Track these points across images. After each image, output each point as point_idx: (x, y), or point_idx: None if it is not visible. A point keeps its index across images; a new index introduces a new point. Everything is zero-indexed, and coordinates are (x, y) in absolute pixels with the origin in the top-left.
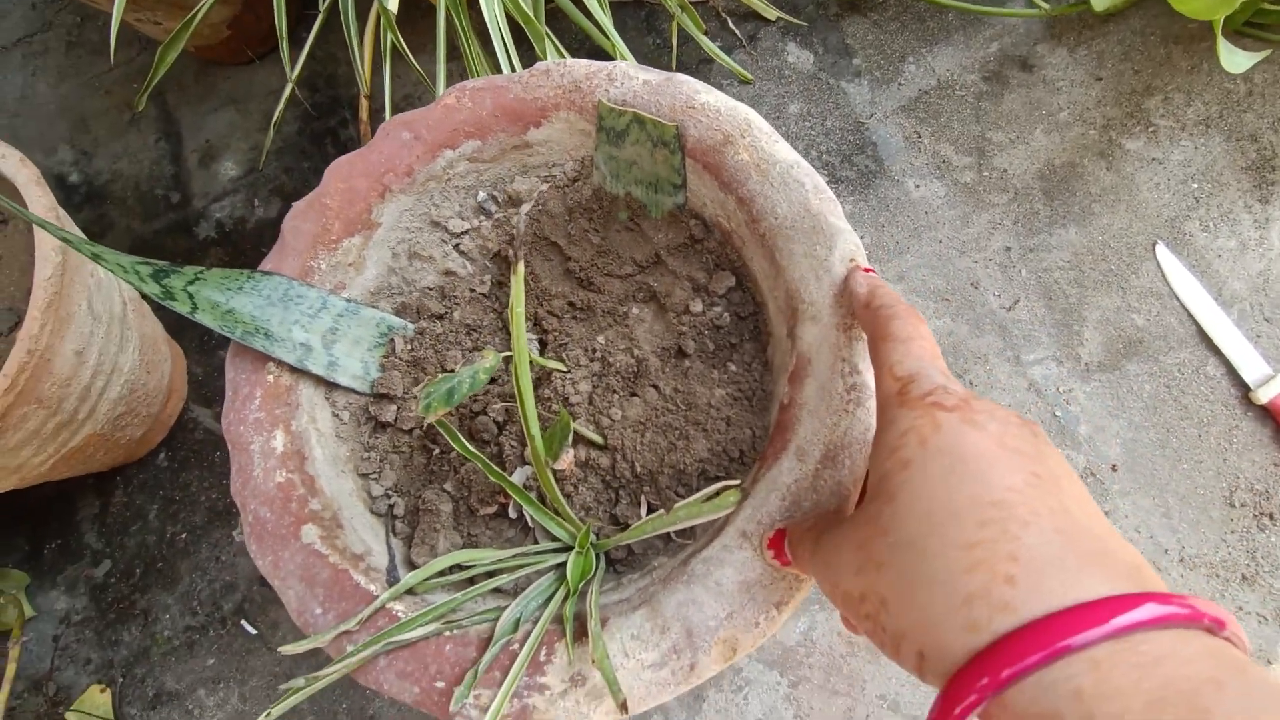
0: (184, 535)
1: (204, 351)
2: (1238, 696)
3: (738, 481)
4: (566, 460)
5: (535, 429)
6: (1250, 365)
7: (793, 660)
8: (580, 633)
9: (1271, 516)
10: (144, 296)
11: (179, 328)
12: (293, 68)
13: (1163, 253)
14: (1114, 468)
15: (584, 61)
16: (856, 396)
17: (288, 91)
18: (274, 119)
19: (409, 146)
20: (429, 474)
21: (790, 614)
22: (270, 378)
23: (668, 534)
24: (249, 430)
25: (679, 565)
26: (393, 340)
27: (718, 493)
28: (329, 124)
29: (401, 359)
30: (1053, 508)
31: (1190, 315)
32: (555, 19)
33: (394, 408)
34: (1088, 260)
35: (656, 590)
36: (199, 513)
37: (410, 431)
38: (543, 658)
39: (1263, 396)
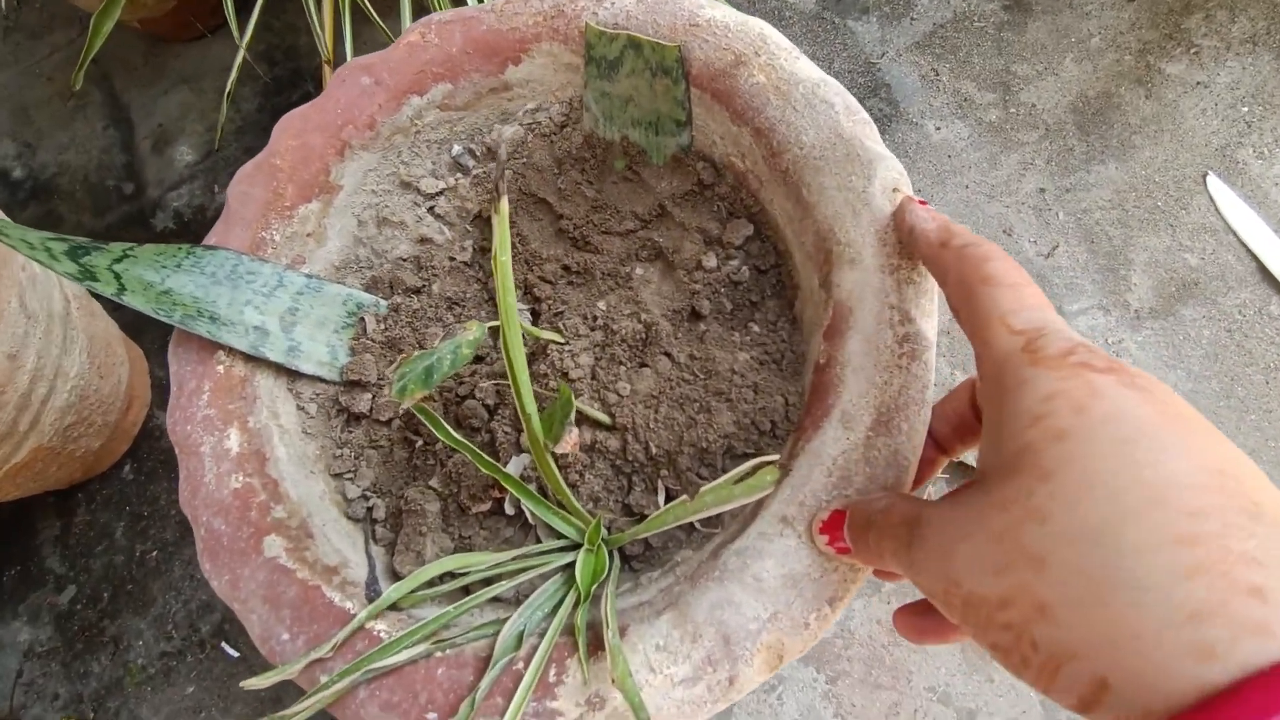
0: (155, 553)
1: (167, 352)
2: None
3: (775, 457)
4: (570, 442)
5: (531, 406)
6: None
7: (830, 654)
8: (596, 645)
9: None
10: (95, 296)
11: (138, 327)
12: (244, 35)
13: (1215, 184)
14: None
15: None
16: (911, 349)
17: (239, 59)
18: (227, 90)
19: (369, 94)
20: (412, 470)
21: (844, 610)
22: (220, 368)
23: (690, 524)
24: (198, 430)
25: (707, 559)
26: (363, 320)
27: (752, 471)
28: (291, 98)
29: (374, 340)
30: (1271, 495)
31: (1249, 251)
32: None
33: (368, 396)
34: (1131, 198)
35: (683, 590)
36: (170, 528)
37: (388, 422)
38: (552, 678)
39: None
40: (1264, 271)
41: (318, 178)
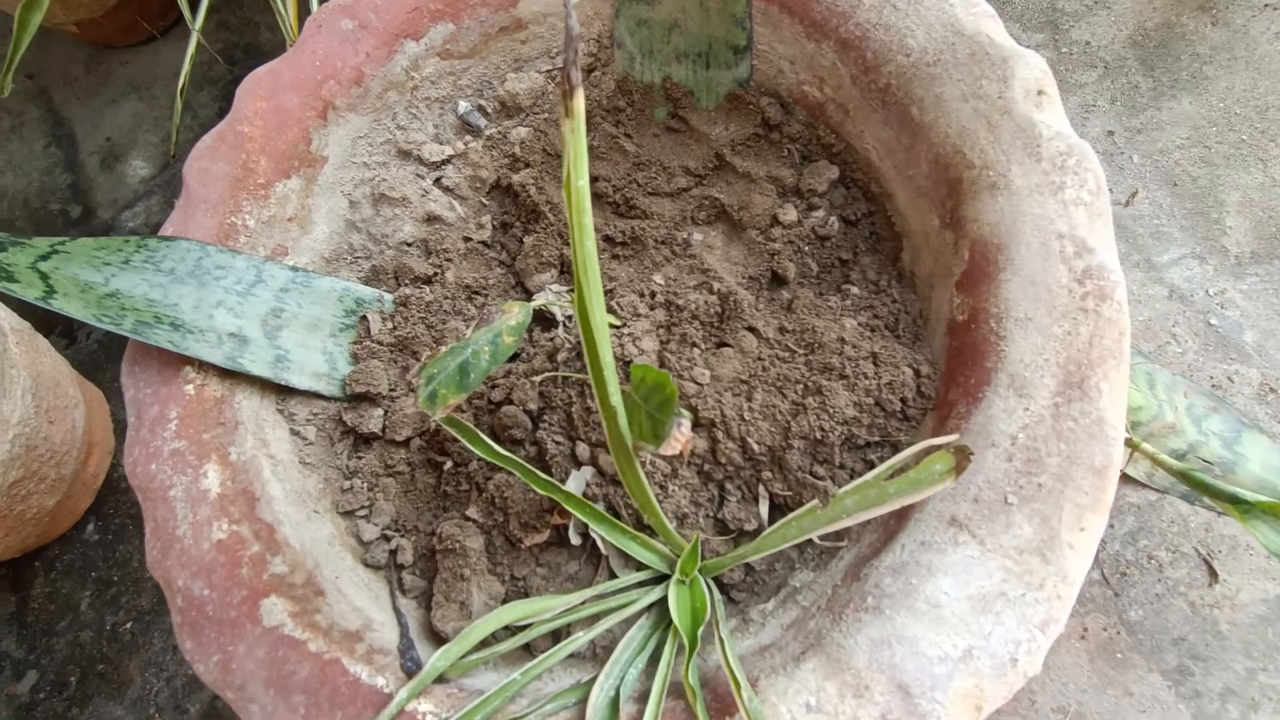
0: (129, 625)
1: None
2: None
3: (952, 438)
4: (681, 440)
5: (616, 397)
6: None
7: None
8: (720, 710)
9: None
10: (44, 321)
11: (94, 364)
12: (198, 31)
13: None
14: None
15: None
16: (1098, 286)
17: (192, 47)
18: (180, 86)
19: (353, 41)
20: (442, 499)
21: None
22: (189, 388)
23: (805, 540)
24: (165, 469)
25: (843, 581)
26: (365, 319)
27: (915, 460)
28: None
29: (381, 343)
30: None
31: None
32: None
33: (379, 412)
34: (1212, 133)
35: (823, 626)
36: (145, 593)
37: (407, 442)
38: None
39: None
40: None
41: (296, 147)
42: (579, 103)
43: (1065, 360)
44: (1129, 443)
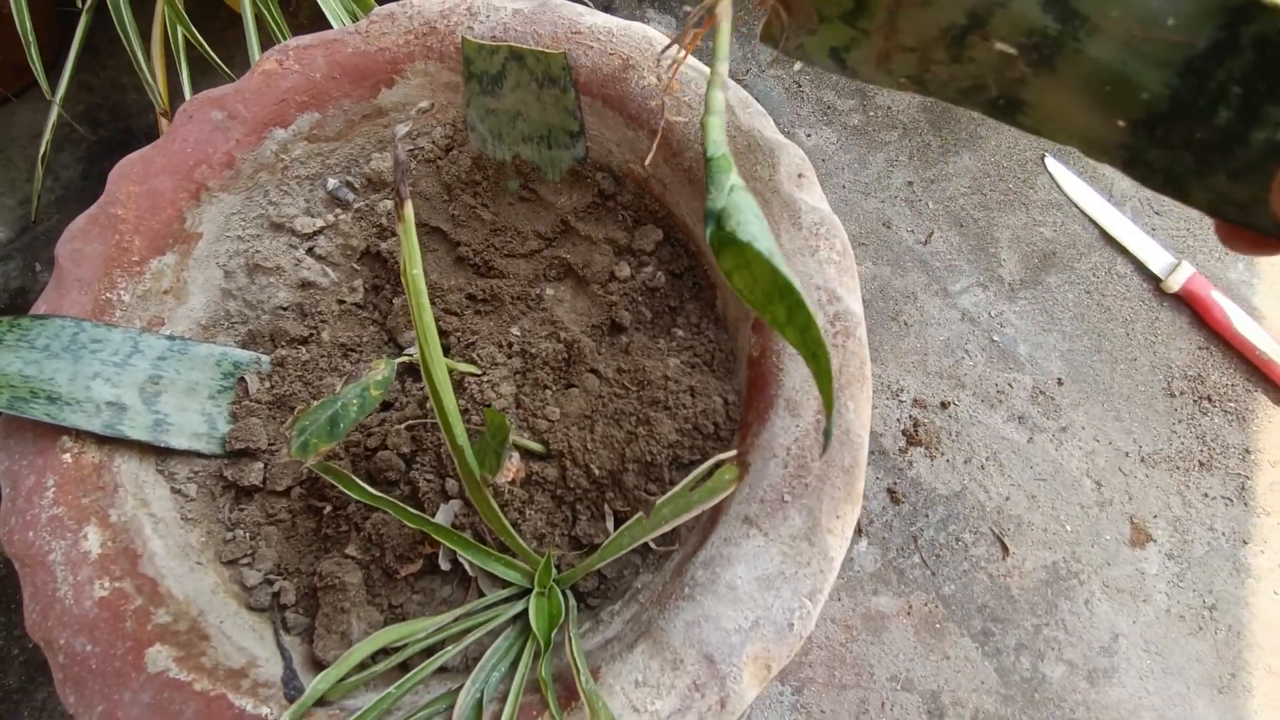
0: None
1: None
2: None
3: (731, 453)
4: (512, 469)
5: (462, 437)
6: (1155, 257)
7: (791, 663)
8: (568, 696)
9: (1210, 399)
10: None
11: None
12: (57, 91)
13: (1052, 164)
14: (1059, 381)
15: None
16: (844, 326)
17: (53, 117)
18: (41, 153)
19: (224, 130)
20: (322, 541)
21: (824, 602)
22: (67, 457)
23: (646, 545)
24: (44, 535)
25: (671, 578)
26: (244, 380)
27: (708, 473)
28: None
29: (260, 401)
30: None
31: (1090, 219)
32: None
33: (259, 466)
34: (986, 183)
35: (652, 616)
36: (12, 671)
37: (287, 491)
38: None
39: (1173, 285)
40: (1106, 236)
41: (170, 226)
42: (409, 211)
43: None
44: None
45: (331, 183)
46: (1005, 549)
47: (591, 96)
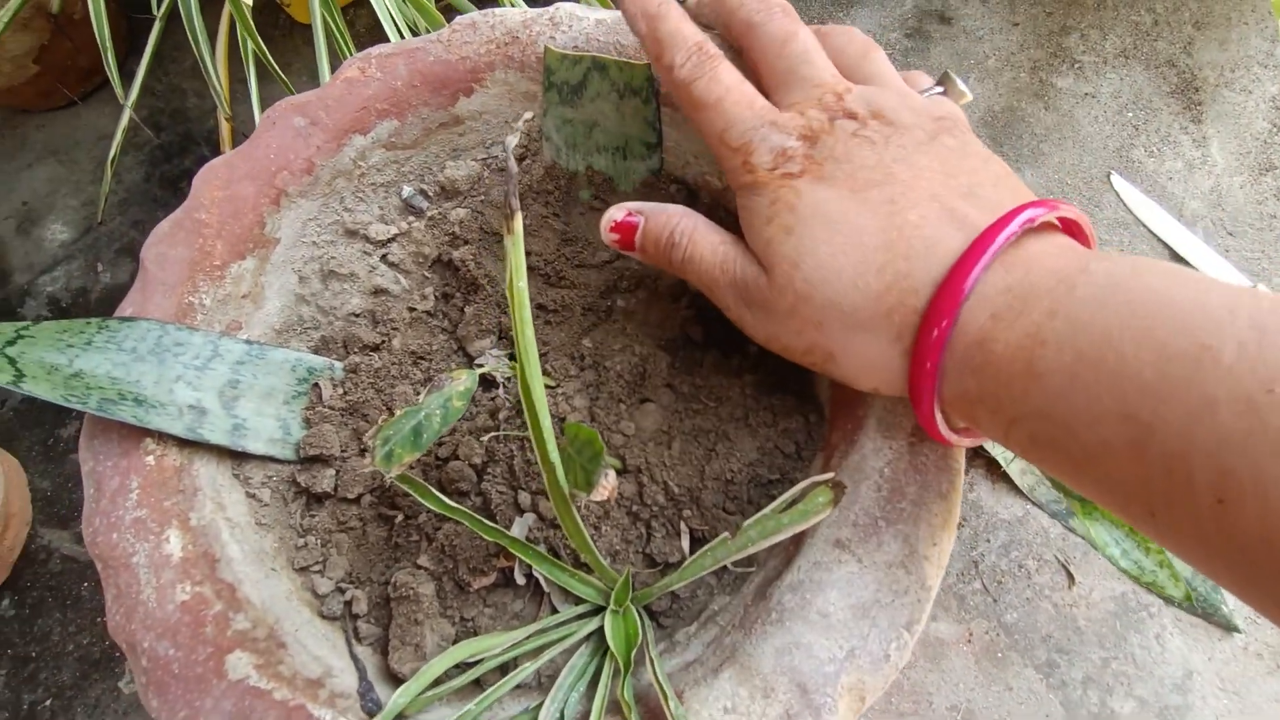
0: (49, 702)
1: (50, 459)
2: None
3: (829, 475)
4: (608, 488)
5: (554, 453)
6: (1228, 280)
7: None
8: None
9: None
10: None
11: (9, 432)
12: (129, 96)
13: (1119, 182)
14: None
15: (517, 9)
16: None
17: (125, 119)
18: (110, 156)
19: (305, 136)
20: (393, 551)
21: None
22: (150, 460)
23: (720, 567)
24: (128, 537)
25: (753, 602)
26: (317, 386)
27: (801, 495)
28: (183, 164)
29: (332, 408)
30: (926, 190)
31: (1160, 240)
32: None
33: (331, 472)
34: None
35: (737, 640)
36: (67, 668)
37: (358, 499)
38: None
39: None
40: (1176, 257)
41: (251, 231)
42: (518, 224)
43: None
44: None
45: (406, 190)
46: (1071, 577)
47: (673, 107)
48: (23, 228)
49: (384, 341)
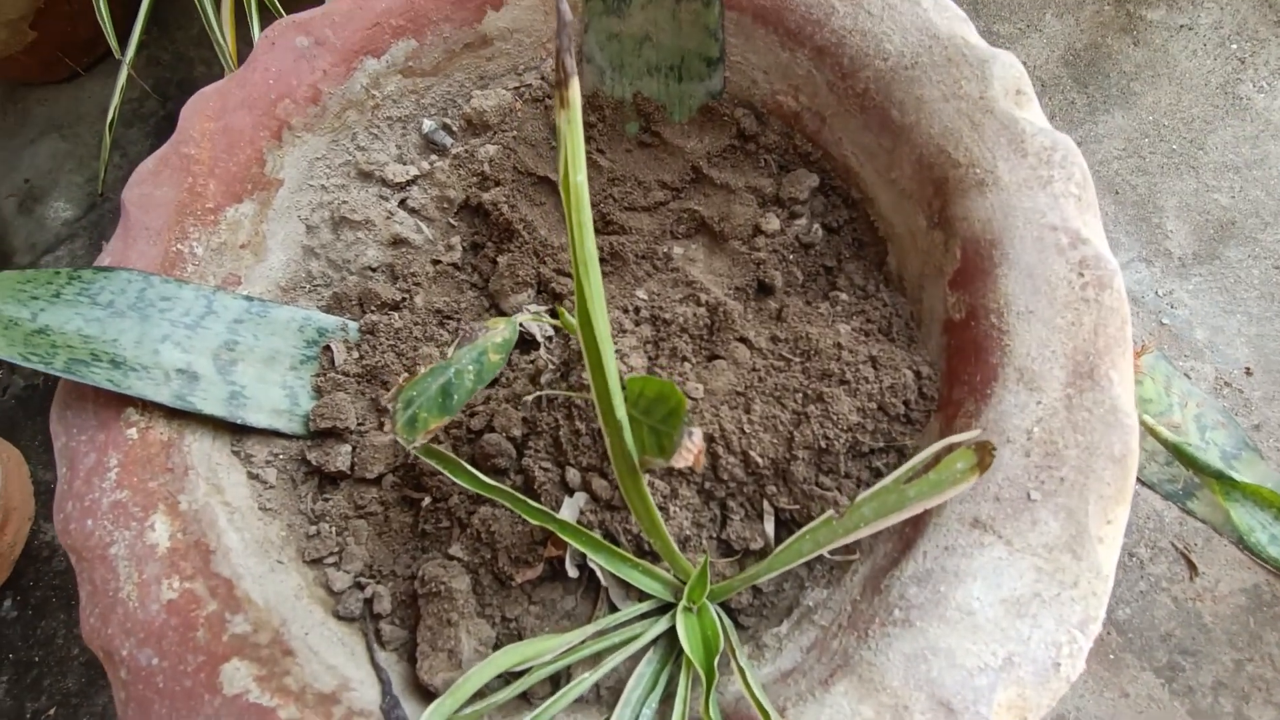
0: (52, 710)
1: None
2: None
3: (973, 434)
4: (694, 450)
5: (620, 408)
6: None
7: None
8: None
9: None
10: None
11: (11, 421)
12: (128, 64)
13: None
14: (1248, 371)
15: None
16: (1096, 276)
17: (122, 78)
18: (109, 120)
19: (309, 58)
20: (420, 538)
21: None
22: (133, 432)
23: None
24: (104, 524)
25: (863, 596)
26: (329, 349)
27: (934, 461)
28: None
29: (347, 374)
30: None
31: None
32: None
33: (346, 449)
34: (1145, 144)
35: (848, 645)
36: (72, 674)
37: (379, 480)
38: None
39: None
40: None
41: (248, 169)
42: (574, 92)
43: (1072, 351)
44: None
45: (427, 125)
46: (1193, 568)
47: (739, 11)
48: (25, 206)
49: (405, 298)
